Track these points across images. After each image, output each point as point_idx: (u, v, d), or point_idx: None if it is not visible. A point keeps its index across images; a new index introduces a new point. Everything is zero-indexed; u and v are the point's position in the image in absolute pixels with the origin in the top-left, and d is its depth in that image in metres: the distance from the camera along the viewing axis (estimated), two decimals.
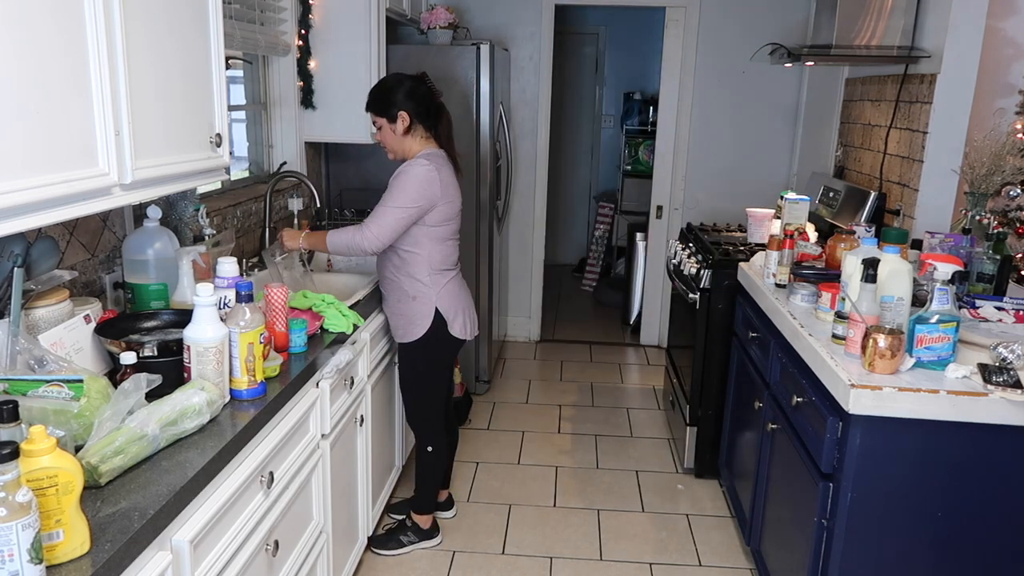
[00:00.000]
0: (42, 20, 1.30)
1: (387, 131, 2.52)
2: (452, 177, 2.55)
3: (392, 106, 2.48)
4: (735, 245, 3.43)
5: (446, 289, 2.57)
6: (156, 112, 1.64)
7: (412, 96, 2.49)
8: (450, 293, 2.58)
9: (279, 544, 1.77)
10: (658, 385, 4.45)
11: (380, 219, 2.43)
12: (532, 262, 5.01)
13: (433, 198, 2.45)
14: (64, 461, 1.11)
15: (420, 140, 2.53)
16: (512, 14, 4.66)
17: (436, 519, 2.86)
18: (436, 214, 2.48)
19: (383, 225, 2.42)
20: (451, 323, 2.58)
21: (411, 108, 2.48)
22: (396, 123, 2.49)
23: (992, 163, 2.55)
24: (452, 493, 3.08)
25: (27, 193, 1.27)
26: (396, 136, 2.51)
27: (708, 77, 4.64)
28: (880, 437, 1.81)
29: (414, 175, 2.43)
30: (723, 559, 2.80)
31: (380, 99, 2.51)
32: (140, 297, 2.00)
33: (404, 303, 2.57)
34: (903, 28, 3.09)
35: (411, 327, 2.57)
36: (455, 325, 2.59)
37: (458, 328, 2.60)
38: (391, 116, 2.49)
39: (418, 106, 2.50)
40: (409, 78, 2.53)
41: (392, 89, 2.49)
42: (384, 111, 2.50)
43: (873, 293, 1.90)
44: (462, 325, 2.62)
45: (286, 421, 1.84)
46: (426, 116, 2.52)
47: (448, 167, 2.54)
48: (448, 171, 2.53)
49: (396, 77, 2.55)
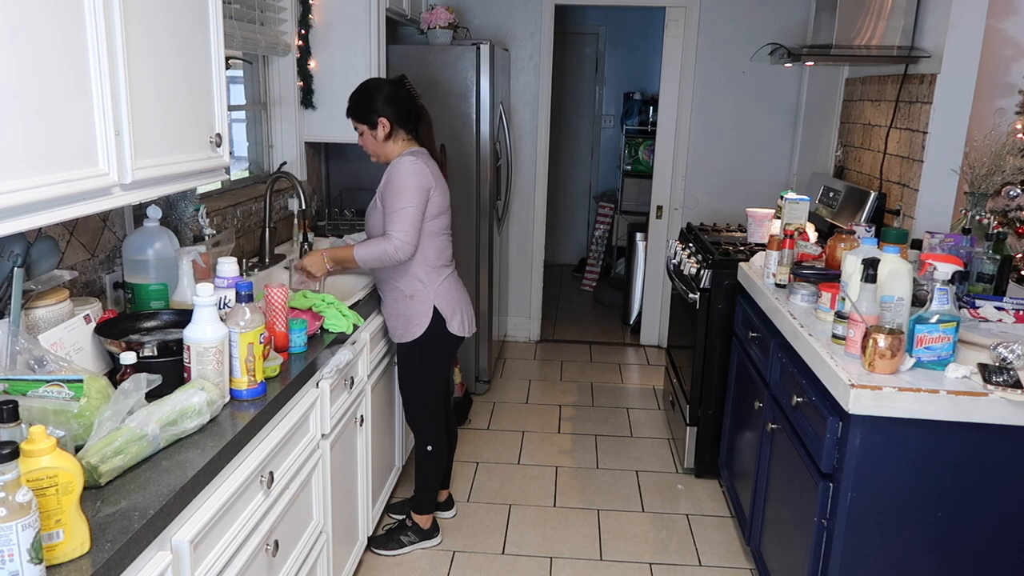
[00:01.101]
0: (42, 20, 1.30)
1: (368, 137, 2.54)
2: (438, 170, 2.56)
3: (372, 112, 2.49)
4: (735, 245, 3.43)
5: (443, 286, 2.57)
6: (156, 112, 1.64)
7: (391, 101, 2.49)
8: (447, 290, 2.58)
9: (279, 544, 1.77)
10: (658, 385, 4.45)
11: (399, 223, 2.41)
12: (532, 262, 5.01)
13: (428, 185, 2.46)
14: (64, 461, 1.11)
15: (402, 143, 2.54)
16: (512, 14, 4.66)
17: (436, 519, 2.86)
18: (431, 205, 2.49)
19: (405, 228, 2.41)
20: (449, 321, 2.58)
21: (391, 114, 2.49)
22: (377, 129, 2.50)
23: (992, 163, 2.55)
24: (452, 493, 3.08)
25: (27, 193, 1.27)
26: (377, 141, 2.53)
27: (708, 77, 4.64)
28: (880, 437, 1.81)
29: (404, 170, 2.43)
30: (723, 559, 2.80)
31: (360, 106, 2.52)
32: (140, 297, 2.00)
33: (402, 303, 2.57)
34: (903, 28, 3.09)
35: (410, 326, 2.57)
36: (453, 323, 2.59)
37: (456, 326, 2.60)
38: (371, 123, 2.50)
39: (398, 111, 2.50)
40: (388, 83, 2.54)
41: (372, 95, 2.50)
42: (364, 118, 2.51)
43: (873, 293, 1.90)
44: (460, 322, 2.62)
45: (286, 421, 1.84)
46: (407, 120, 2.53)
47: (432, 162, 2.54)
48: (433, 165, 2.54)
49: (375, 83, 2.56)
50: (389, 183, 2.46)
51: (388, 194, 2.45)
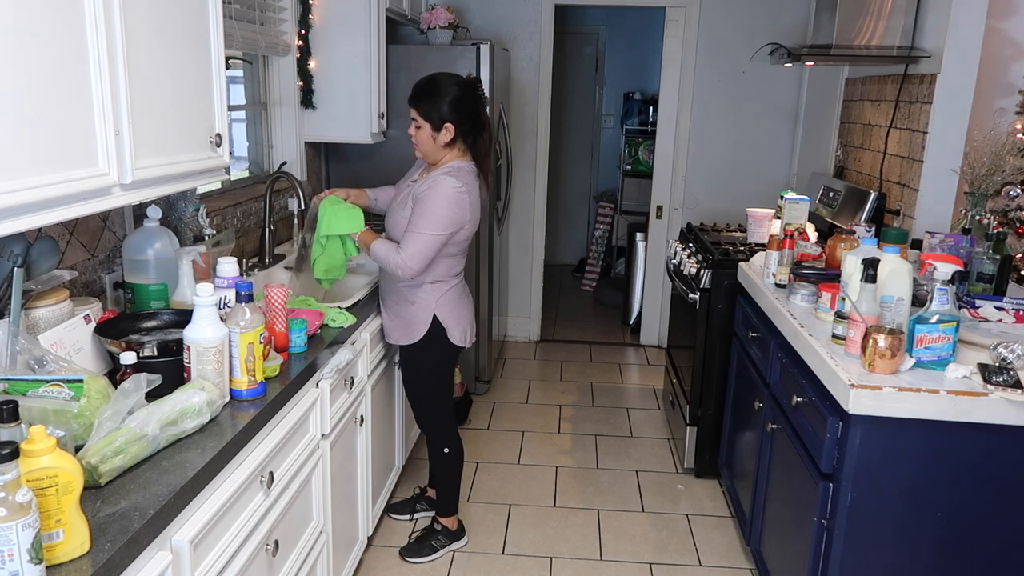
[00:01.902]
0: (43, 21, 1.30)
1: (426, 135, 2.41)
2: (478, 196, 2.45)
3: (439, 114, 2.37)
4: (735, 245, 3.43)
5: (446, 297, 2.52)
6: (156, 112, 1.64)
7: (461, 108, 2.38)
8: (450, 301, 2.53)
9: (279, 544, 1.77)
10: (658, 385, 4.45)
11: (413, 246, 2.33)
12: (532, 262, 5.01)
13: (462, 221, 2.38)
14: (64, 461, 1.11)
15: (456, 152, 2.45)
16: (512, 14, 4.66)
17: (460, 520, 2.86)
18: (458, 236, 2.42)
19: (415, 254, 2.33)
20: (450, 331, 2.54)
21: (456, 121, 2.38)
22: (440, 132, 2.39)
23: (992, 163, 2.55)
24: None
25: (27, 193, 1.27)
26: (434, 144, 2.41)
27: (708, 77, 4.64)
28: (880, 437, 1.81)
29: (446, 198, 2.33)
30: (723, 559, 2.80)
31: (428, 101, 2.38)
32: (140, 297, 2.00)
33: (403, 306, 2.54)
34: (903, 28, 3.09)
35: (408, 330, 2.55)
36: (454, 333, 2.55)
37: (457, 336, 2.56)
38: (435, 124, 2.38)
39: (465, 122, 2.40)
40: (460, 85, 2.40)
41: (443, 95, 2.37)
42: (428, 115, 2.38)
43: (873, 293, 1.90)
44: (462, 333, 2.58)
45: (286, 421, 1.84)
46: (470, 132, 2.43)
47: (477, 185, 2.45)
48: (477, 191, 2.43)
49: (449, 80, 2.40)
50: (426, 199, 2.35)
51: (420, 207, 2.35)
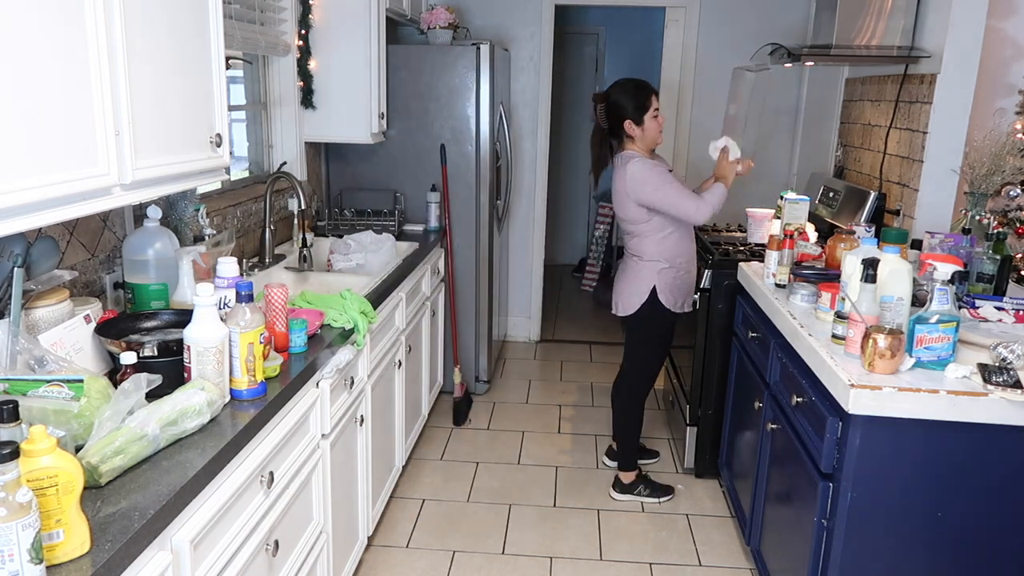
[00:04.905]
0: (43, 21, 1.30)
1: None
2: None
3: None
4: (735, 245, 3.43)
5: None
6: (156, 112, 1.64)
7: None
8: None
9: (279, 544, 1.77)
10: (658, 385, 4.45)
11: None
12: (532, 262, 5.01)
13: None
14: (64, 461, 1.11)
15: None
16: (512, 14, 4.66)
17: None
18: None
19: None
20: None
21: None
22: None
23: (992, 163, 2.55)
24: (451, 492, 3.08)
25: (27, 193, 1.27)
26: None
27: (708, 77, 4.64)
28: (880, 437, 1.81)
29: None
30: (723, 559, 2.80)
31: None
32: (140, 297, 2.00)
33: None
34: (903, 28, 3.09)
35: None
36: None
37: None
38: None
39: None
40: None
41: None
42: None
43: (873, 293, 1.90)
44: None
45: (286, 421, 1.84)
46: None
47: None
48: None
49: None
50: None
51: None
